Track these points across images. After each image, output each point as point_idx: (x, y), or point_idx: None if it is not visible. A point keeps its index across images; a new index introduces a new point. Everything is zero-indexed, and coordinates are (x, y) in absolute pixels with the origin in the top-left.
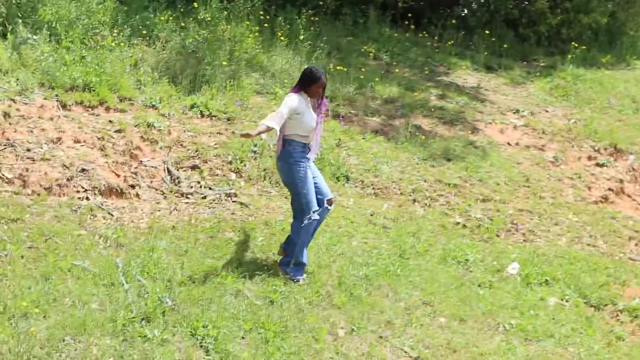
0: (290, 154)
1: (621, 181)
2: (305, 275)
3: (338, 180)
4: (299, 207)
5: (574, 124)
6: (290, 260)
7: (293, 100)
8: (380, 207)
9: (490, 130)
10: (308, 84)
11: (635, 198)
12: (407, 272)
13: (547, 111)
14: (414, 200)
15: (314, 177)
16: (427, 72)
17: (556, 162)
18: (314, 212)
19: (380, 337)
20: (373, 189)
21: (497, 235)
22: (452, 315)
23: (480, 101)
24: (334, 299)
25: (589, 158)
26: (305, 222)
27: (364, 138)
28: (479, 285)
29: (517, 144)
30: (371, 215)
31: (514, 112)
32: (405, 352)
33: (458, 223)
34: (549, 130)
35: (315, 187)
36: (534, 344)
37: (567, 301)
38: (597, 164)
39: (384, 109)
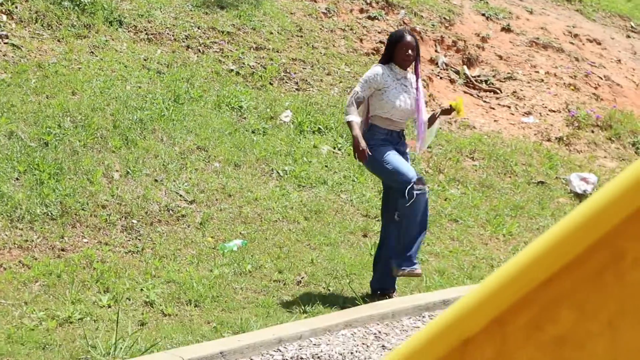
0: (368, 139)
1: None
2: (417, 264)
3: (111, 25)
4: (397, 189)
5: None
6: (400, 259)
7: (372, 71)
8: (154, 53)
9: None
10: (391, 48)
11: None
12: (181, 117)
13: None
14: (188, 47)
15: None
16: None
17: (329, 13)
18: (414, 182)
19: (156, 180)
20: (146, 34)
21: (271, 84)
22: (226, 160)
23: None
24: (108, 142)
25: (361, 11)
26: (409, 199)
27: None
28: (253, 132)
29: None
30: (145, 60)
31: None
32: (181, 195)
33: (232, 70)
34: None
35: None
36: (308, 190)
37: (339, 149)
38: (369, 17)
39: None
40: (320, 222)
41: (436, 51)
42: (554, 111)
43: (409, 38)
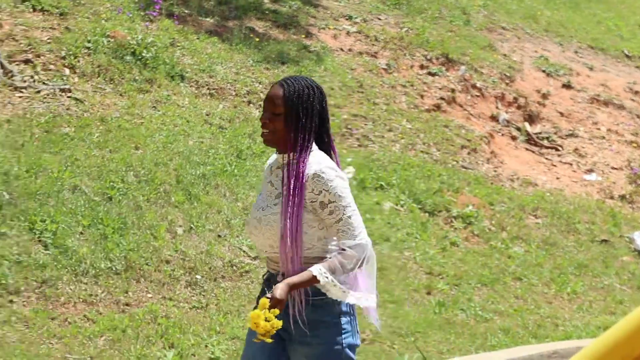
0: None
1: (453, 91)
2: None
3: (172, 80)
4: None
5: (406, 33)
6: None
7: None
8: (216, 108)
9: (323, 35)
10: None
11: (466, 108)
12: (244, 172)
13: (379, 19)
14: (249, 102)
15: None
16: None
17: (389, 69)
18: None
19: (219, 235)
20: (208, 89)
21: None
22: None
23: (313, 6)
24: (171, 197)
25: (421, 67)
26: None
27: (198, 38)
28: None
29: (350, 50)
30: (207, 115)
31: (347, 19)
32: (244, 251)
33: None
34: (381, 37)
35: None
36: None
37: (402, 206)
38: (429, 73)
39: (217, 10)
40: (383, 279)
41: (497, 108)
42: (616, 168)
43: (274, 89)
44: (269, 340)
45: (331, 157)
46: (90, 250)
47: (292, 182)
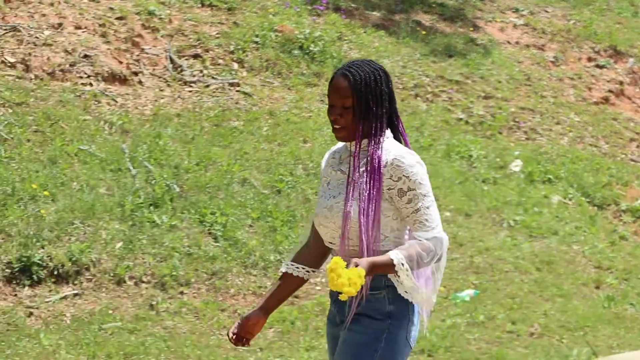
0: None
1: (621, 83)
2: None
3: None
4: None
5: (573, 25)
6: None
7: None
8: None
9: (490, 28)
10: None
11: (635, 100)
12: None
13: (546, 11)
14: (416, 95)
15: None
16: None
17: (556, 62)
18: None
19: None
20: None
21: (500, 133)
22: (457, 209)
23: None
24: None
25: (589, 59)
26: None
27: (365, 32)
28: (483, 181)
29: (517, 42)
30: None
31: (514, 11)
32: None
33: (461, 119)
34: (548, 30)
35: None
36: (539, 240)
37: (570, 200)
38: (597, 66)
39: (384, 3)
40: (552, 273)
41: None
42: None
43: (339, 81)
44: (359, 287)
45: (400, 141)
46: (260, 242)
47: (368, 168)
